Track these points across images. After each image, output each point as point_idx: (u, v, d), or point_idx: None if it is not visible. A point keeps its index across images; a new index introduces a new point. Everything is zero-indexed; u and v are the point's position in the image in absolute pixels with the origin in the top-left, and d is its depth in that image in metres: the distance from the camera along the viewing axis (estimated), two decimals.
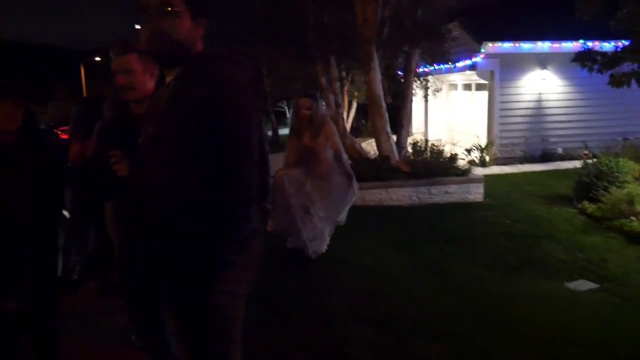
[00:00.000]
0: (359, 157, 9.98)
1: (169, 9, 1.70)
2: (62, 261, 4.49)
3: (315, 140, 5.03)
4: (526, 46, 12.43)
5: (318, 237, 5.00)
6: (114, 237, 2.82)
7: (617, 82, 6.00)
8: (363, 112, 21.86)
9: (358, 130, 22.98)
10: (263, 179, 1.90)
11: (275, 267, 4.79)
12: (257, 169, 1.76)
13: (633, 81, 5.86)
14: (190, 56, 1.77)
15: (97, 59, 29.35)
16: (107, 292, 4.43)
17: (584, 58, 6.29)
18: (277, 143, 23.61)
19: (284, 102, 36.67)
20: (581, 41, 10.68)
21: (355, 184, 5.19)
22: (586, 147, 10.69)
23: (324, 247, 5.07)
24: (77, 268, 4.65)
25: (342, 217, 5.24)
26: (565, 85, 12.91)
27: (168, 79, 1.82)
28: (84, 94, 27.80)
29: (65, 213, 4.31)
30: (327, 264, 5.03)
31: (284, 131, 31.01)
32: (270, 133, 24.60)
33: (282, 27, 11.77)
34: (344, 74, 15.37)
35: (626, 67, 6.07)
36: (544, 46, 12.44)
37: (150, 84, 2.53)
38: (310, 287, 4.49)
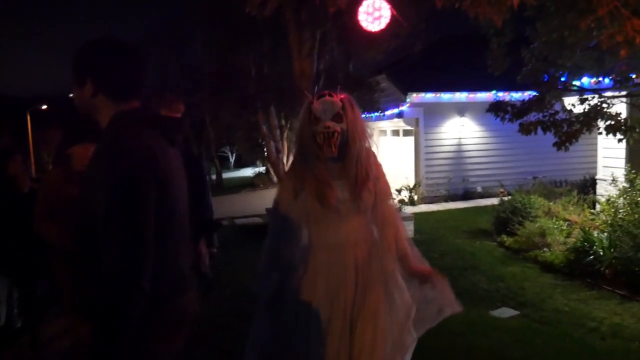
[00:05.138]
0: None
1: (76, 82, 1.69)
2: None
3: (360, 197, 2.33)
4: (446, 96, 13.03)
5: None
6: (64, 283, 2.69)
7: (525, 129, 6.39)
8: None
9: None
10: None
11: None
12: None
13: (539, 128, 6.27)
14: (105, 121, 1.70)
15: (44, 107, 28.25)
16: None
17: (497, 108, 6.68)
18: (221, 186, 23.39)
19: (227, 147, 36.60)
20: (493, 92, 11.33)
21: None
22: (502, 186, 11.14)
23: None
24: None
25: None
26: (481, 131, 13.55)
27: None
28: (30, 142, 26.63)
29: None
30: None
31: (228, 175, 30.72)
32: (214, 177, 24.32)
33: (224, 79, 11.85)
34: (283, 122, 15.55)
35: (532, 116, 6.49)
36: (461, 96, 13.07)
37: None
38: None
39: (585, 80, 7.04)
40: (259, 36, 10.34)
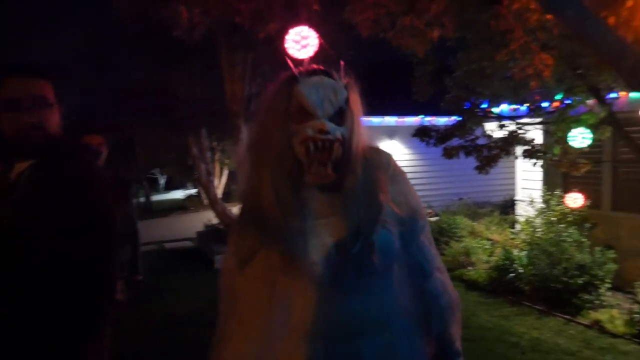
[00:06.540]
0: (230, 222, 9.93)
1: (46, 102, 1.62)
2: None
3: (370, 249, 1.33)
4: (376, 120, 13.38)
5: None
6: None
7: (448, 154, 6.71)
8: (235, 178, 21.91)
9: (229, 195, 22.88)
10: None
11: None
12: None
13: (462, 152, 6.61)
14: (50, 145, 1.65)
15: None
16: None
17: (422, 133, 6.98)
18: (150, 209, 22.72)
19: (157, 169, 35.69)
20: (421, 116, 11.78)
21: None
22: (430, 207, 11.55)
23: None
24: None
25: None
26: (410, 154, 13.98)
27: (19, 166, 1.64)
28: None
29: None
30: None
31: (158, 197, 29.85)
32: (143, 199, 23.58)
33: (153, 100, 11.62)
34: (215, 144, 15.39)
35: (455, 141, 6.82)
36: (390, 120, 13.46)
37: None
38: None
39: (505, 107, 7.50)
40: (188, 58, 10.25)
